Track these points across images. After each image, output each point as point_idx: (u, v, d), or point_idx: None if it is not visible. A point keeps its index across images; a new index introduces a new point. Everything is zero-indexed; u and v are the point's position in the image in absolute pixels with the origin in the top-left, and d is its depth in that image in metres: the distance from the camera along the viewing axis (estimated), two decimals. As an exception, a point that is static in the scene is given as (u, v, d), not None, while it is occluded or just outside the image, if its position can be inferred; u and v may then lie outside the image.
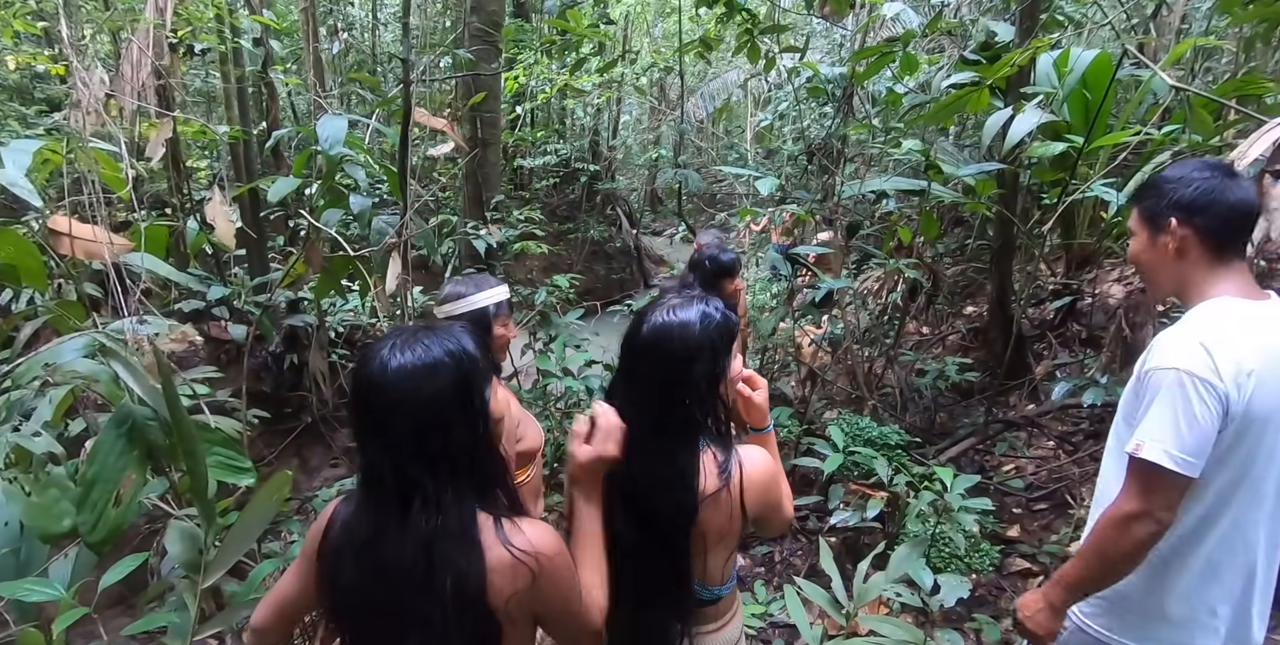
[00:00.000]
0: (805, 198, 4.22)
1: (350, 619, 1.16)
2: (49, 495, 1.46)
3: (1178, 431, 1.30)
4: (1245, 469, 1.37)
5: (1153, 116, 3.78)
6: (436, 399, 1.07)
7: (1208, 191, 1.40)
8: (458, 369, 1.09)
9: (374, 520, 1.10)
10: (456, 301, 2.00)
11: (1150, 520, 1.33)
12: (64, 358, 1.58)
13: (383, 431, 1.08)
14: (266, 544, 2.41)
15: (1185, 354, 1.33)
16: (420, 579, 1.06)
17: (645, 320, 1.36)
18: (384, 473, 1.08)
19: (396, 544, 1.07)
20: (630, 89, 10.90)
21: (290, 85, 6.27)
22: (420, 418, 1.06)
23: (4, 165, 1.81)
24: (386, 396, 1.06)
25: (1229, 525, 1.40)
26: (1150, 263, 1.52)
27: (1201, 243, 1.42)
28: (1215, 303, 1.41)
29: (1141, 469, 1.34)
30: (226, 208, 2.21)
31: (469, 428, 1.11)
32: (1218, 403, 1.30)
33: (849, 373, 4.77)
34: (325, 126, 2.14)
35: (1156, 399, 1.34)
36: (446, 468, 1.08)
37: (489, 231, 3.75)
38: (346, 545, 1.13)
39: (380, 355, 1.08)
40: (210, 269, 4.67)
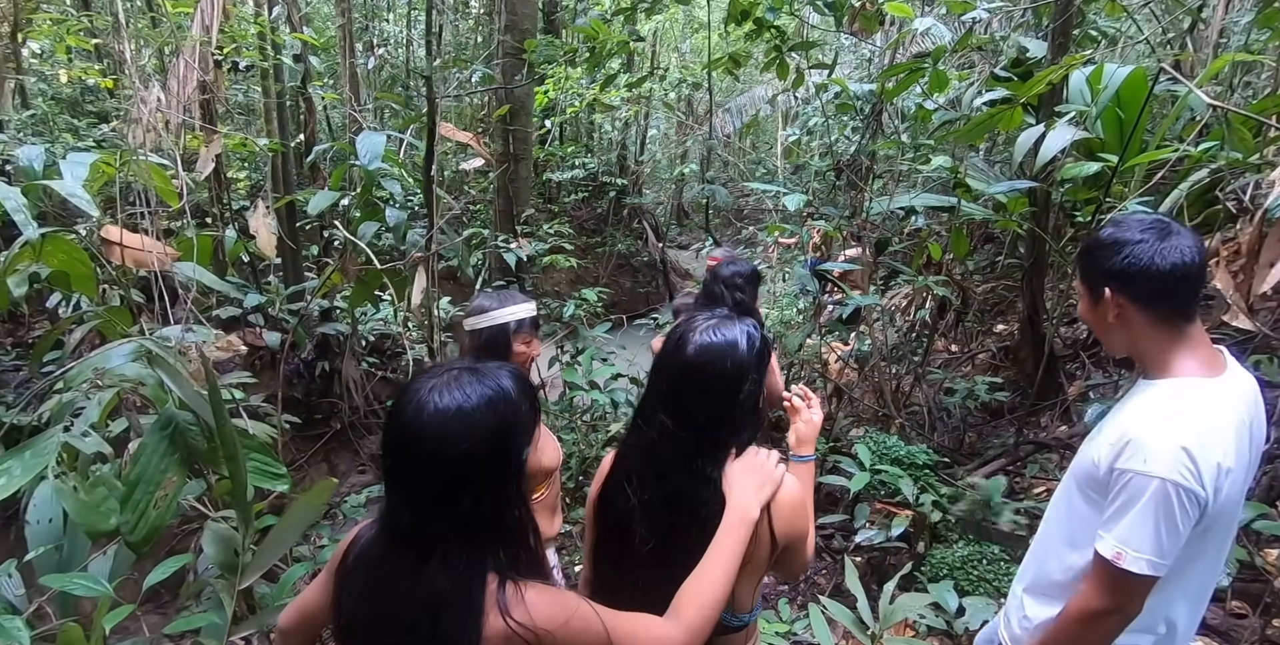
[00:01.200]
0: (833, 214, 4.22)
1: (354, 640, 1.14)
2: (97, 494, 1.51)
3: (1159, 542, 1.29)
4: (1196, 546, 1.38)
5: (1189, 134, 3.73)
6: (471, 456, 1.00)
7: (1136, 260, 1.33)
8: (498, 421, 1.03)
9: (386, 566, 1.07)
10: (481, 315, 2.03)
11: (1120, 616, 1.36)
12: (113, 362, 1.64)
13: (411, 480, 1.03)
14: (296, 548, 2.46)
15: (1170, 462, 1.28)
16: (419, 639, 1.02)
17: (688, 340, 1.32)
18: (404, 522, 1.04)
19: (403, 598, 1.04)
20: (658, 104, 10.99)
21: (327, 99, 6.42)
22: (451, 473, 1.01)
23: (62, 176, 1.89)
24: (420, 444, 1.01)
25: (1164, 589, 1.39)
26: (1096, 326, 1.49)
27: (1141, 312, 1.37)
28: (1182, 385, 1.37)
29: (1117, 575, 1.33)
30: (269, 219, 2.27)
31: (501, 487, 1.05)
32: (1198, 509, 1.29)
33: (876, 390, 4.73)
34: (364, 142, 2.20)
35: (1139, 507, 1.30)
36: (471, 528, 1.02)
37: (519, 245, 3.81)
38: (358, 578, 1.11)
39: (419, 397, 1.02)
40: (246, 277, 4.79)
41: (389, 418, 1.05)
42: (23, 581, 1.73)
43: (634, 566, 1.34)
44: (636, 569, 1.33)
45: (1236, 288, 2.06)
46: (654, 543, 1.32)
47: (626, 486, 1.36)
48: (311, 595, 1.27)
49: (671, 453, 1.32)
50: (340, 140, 4.61)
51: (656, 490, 1.32)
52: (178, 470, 1.62)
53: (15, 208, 1.74)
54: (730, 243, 10.63)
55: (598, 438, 4.07)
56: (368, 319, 5.01)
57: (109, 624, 1.40)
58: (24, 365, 4.37)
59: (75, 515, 1.47)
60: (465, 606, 1.00)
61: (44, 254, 2.06)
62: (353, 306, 2.85)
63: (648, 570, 1.30)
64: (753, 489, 1.30)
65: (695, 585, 1.21)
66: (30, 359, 2.48)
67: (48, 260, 2.08)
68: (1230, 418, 1.34)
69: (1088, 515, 1.43)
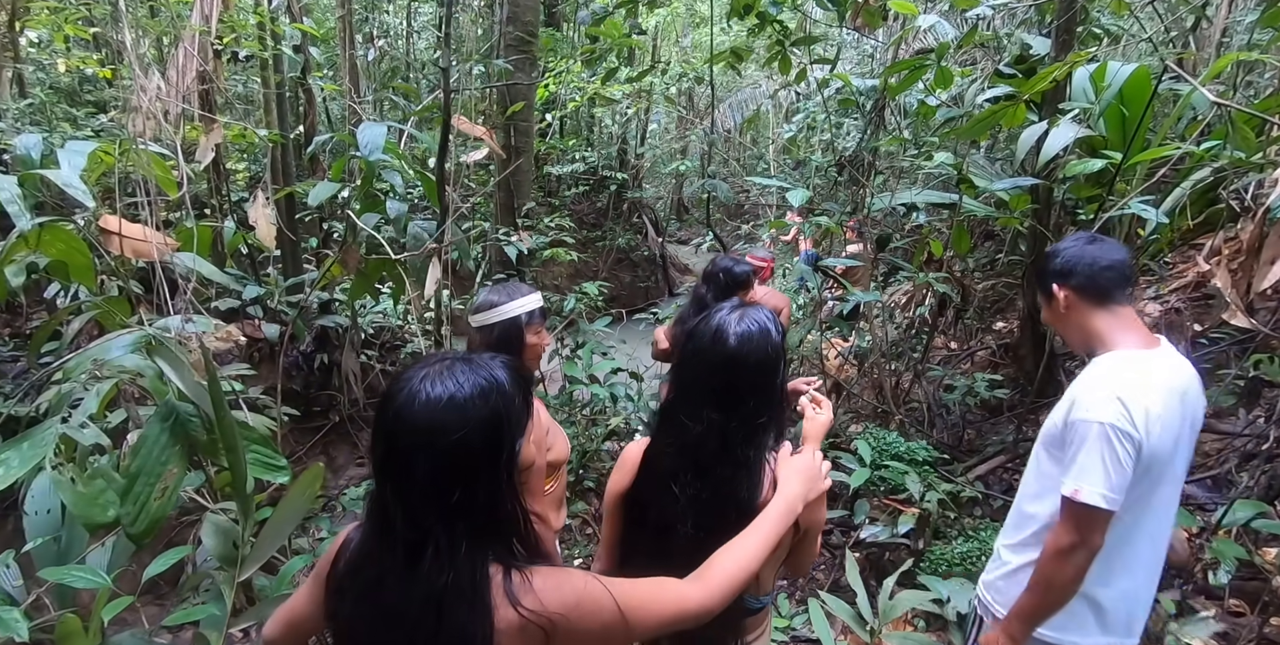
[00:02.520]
0: (834, 210, 4.20)
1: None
2: (95, 485, 1.50)
3: (1107, 476, 1.55)
4: (1141, 491, 1.63)
5: (1192, 133, 3.72)
6: (464, 446, 0.98)
7: (1070, 259, 1.74)
8: (491, 412, 1.00)
9: (380, 563, 1.03)
10: (490, 311, 2.01)
11: (1085, 549, 1.59)
12: (113, 353, 1.63)
13: (403, 471, 0.99)
14: (295, 540, 2.45)
15: (1106, 408, 1.57)
16: (425, 637, 0.99)
17: (727, 333, 1.36)
18: (396, 516, 1.00)
19: (402, 594, 1.00)
20: (659, 98, 10.96)
21: (326, 91, 6.38)
22: (443, 463, 0.98)
23: (60, 166, 1.87)
24: (412, 434, 0.98)
25: (1124, 535, 1.67)
26: (1056, 323, 1.85)
27: (1082, 299, 1.72)
28: (1120, 354, 1.68)
29: (1078, 510, 1.57)
30: (269, 210, 2.26)
31: (494, 478, 1.02)
32: (1134, 448, 1.56)
33: (875, 386, 4.73)
34: (365, 133, 2.18)
35: (1085, 448, 1.58)
36: (464, 520, 0.99)
37: (520, 238, 3.79)
38: (350, 582, 1.08)
39: (410, 385, 0.99)
40: (245, 269, 4.77)
41: (380, 407, 1.02)
42: (20, 573, 1.73)
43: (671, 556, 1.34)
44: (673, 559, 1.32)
45: (1235, 285, 2.06)
46: (698, 534, 1.35)
47: (672, 484, 1.38)
48: (298, 603, 1.23)
49: (718, 445, 1.35)
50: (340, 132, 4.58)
51: (703, 484, 1.36)
52: (178, 462, 1.61)
53: (9, 198, 1.73)
54: (730, 239, 10.62)
55: (597, 431, 4.06)
56: (367, 312, 5.00)
57: (108, 615, 1.39)
58: (22, 356, 4.36)
59: (73, 507, 1.46)
60: (470, 599, 0.98)
61: (42, 243, 2.04)
62: (353, 299, 2.84)
63: (686, 560, 1.29)
64: (802, 485, 1.36)
65: (727, 556, 1.24)
66: (28, 349, 2.46)
67: (46, 250, 2.06)
68: (1161, 377, 1.63)
69: (1051, 471, 1.71)
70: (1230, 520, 2.56)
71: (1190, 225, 3.29)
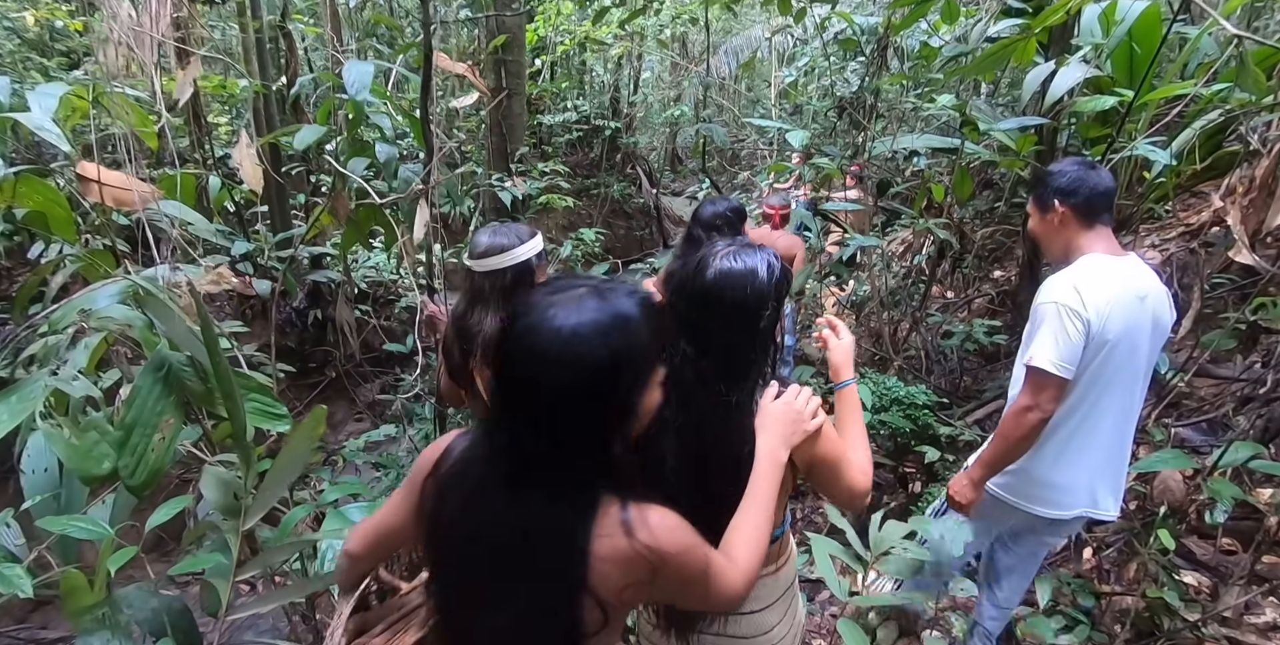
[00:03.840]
0: (834, 154, 4.10)
1: (442, 565, 1.12)
2: (89, 438, 1.47)
3: (1056, 346, 1.83)
4: (1099, 375, 1.91)
5: (1202, 75, 3.61)
6: (586, 378, 0.95)
7: (1075, 179, 1.95)
8: (619, 347, 0.96)
9: (484, 473, 1.04)
10: (501, 255, 1.96)
11: (1038, 410, 1.87)
12: (100, 304, 1.58)
13: (522, 392, 0.98)
14: (297, 492, 2.45)
15: (1061, 291, 1.87)
16: (524, 557, 1.00)
17: (708, 265, 1.31)
18: (521, 441, 0.99)
19: (504, 507, 1.01)
20: (651, 43, 10.61)
21: (309, 34, 6.13)
22: (563, 393, 0.96)
23: (30, 109, 1.78)
24: (535, 358, 0.95)
25: (1087, 414, 1.96)
26: (1043, 234, 2.08)
27: (1075, 216, 1.97)
28: (1089, 258, 1.94)
29: (1033, 374, 1.87)
30: (253, 150, 2.17)
31: (606, 415, 0.99)
32: (1083, 325, 1.82)
33: (873, 334, 4.72)
34: (351, 72, 2.08)
35: (1042, 325, 1.87)
36: (576, 451, 0.99)
37: (514, 183, 3.69)
38: (454, 488, 1.07)
39: (547, 314, 0.95)
40: (233, 226, 4.67)
41: (506, 331, 0.99)
42: (22, 532, 1.71)
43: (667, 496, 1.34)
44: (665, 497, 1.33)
45: (1244, 222, 2.02)
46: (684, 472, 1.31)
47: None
48: (386, 517, 1.23)
49: (695, 378, 1.30)
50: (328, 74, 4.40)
51: (684, 416, 1.30)
52: (174, 412, 1.58)
53: (-19, 143, 1.65)
54: (727, 188, 10.45)
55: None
56: (359, 267, 4.92)
57: (113, 566, 1.38)
58: (6, 319, 4.29)
59: (68, 461, 1.44)
60: (577, 518, 0.99)
61: (18, 196, 1.97)
62: (344, 249, 2.77)
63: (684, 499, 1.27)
64: (780, 431, 1.31)
65: (740, 530, 1.23)
66: (13, 308, 2.40)
67: (23, 201, 1.98)
68: (1120, 276, 1.89)
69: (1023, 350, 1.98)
70: (1227, 461, 2.57)
71: (1198, 169, 3.22)
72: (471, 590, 1.06)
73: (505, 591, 1.02)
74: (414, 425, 3.43)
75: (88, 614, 1.52)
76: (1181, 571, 2.72)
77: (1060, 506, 2.07)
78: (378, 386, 4.70)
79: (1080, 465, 2.03)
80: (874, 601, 2.00)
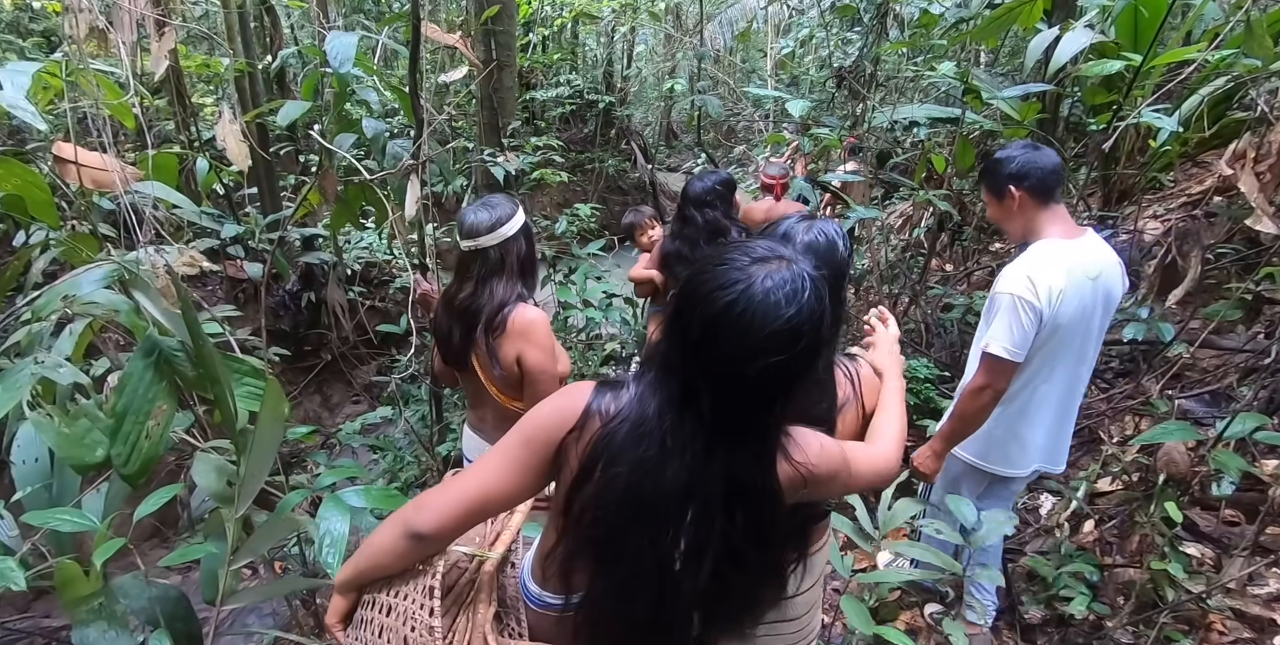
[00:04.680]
0: (834, 124, 4.02)
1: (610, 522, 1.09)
2: (80, 425, 1.43)
3: (1010, 334, 2.00)
4: (1052, 351, 2.11)
5: (1208, 42, 3.53)
6: (808, 345, 0.99)
7: (1024, 163, 2.07)
8: (821, 299, 1.00)
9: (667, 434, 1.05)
10: (503, 226, 1.94)
11: (991, 390, 2.08)
12: (84, 288, 1.53)
13: (740, 370, 0.99)
14: (294, 476, 2.43)
15: (1016, 282, 2.01)
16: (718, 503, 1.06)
17: (788, 236, 1.40)
18: (716, 404, 1.02)
19: (703, 470, 1.05)
20: (645, 16, 10.41)
21: (292, 8, 5.97)
22: (792, 350, 0.97)
23: (2, 87, 1.71)
24: (767, 339, 0.96)
25: (1041, 384, 2.17)
26: (1002, 218, 2.22)
27: (1031, 198, 2.09)
28: (1043, 244, 2.08)
29: (989, 359, 2.05)
30: (237, 127, 2.10)
31: (820, 357, 1.09)
32: (1035, 315, 1.99)
33: (872, 307, 4.69)
34: (334, 44, 2.00)
35: (998, 313, 2.03)
36: (776, 408, 1.06)
37: (506, 159, 3.61)
38: (629, 451, 1.06)
39: (751, 280, 0.96)
40: (223, 208, 4.58)
41: (707, 297, 0.99)
42: (15, 523, 1.68)
43: None
44: None
45: (1262, 189, 1.97)
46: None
47: None
48: (485, 486, 1.13)
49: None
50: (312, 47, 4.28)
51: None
52: (167, 398, 1.54)
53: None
54: (723, 162, 10.33)
55: (594, 356, 4.02)
56: (351, 247, 4.85)
57: (100, 559, 1.35)
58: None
59: (58, 449, 1.40)
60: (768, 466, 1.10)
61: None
62: (335, 228, 2.71)
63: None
64: (897, 366, 1.57)
65: (881, 425, 1.45)
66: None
67: (0, 185, 1.92)
68: (1073, 261, 2.03)
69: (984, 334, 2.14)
70: (1232, 432, 2.56)
71: (1206, 135, 3.16)
72: (654, 543, 1.08)
73: (703, 542, 1.07)
74: (410, 407, 3.41)
75: (84, 605, 1.50)
76: (1184, 543, 2.72)
77: (1021, 465, 2.33)
78: (374, 368, 4.66)
79: (1037, 428, 2.27)
80: (877, 578, 1.99)
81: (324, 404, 4.69)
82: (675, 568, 1.08)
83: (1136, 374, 3.66)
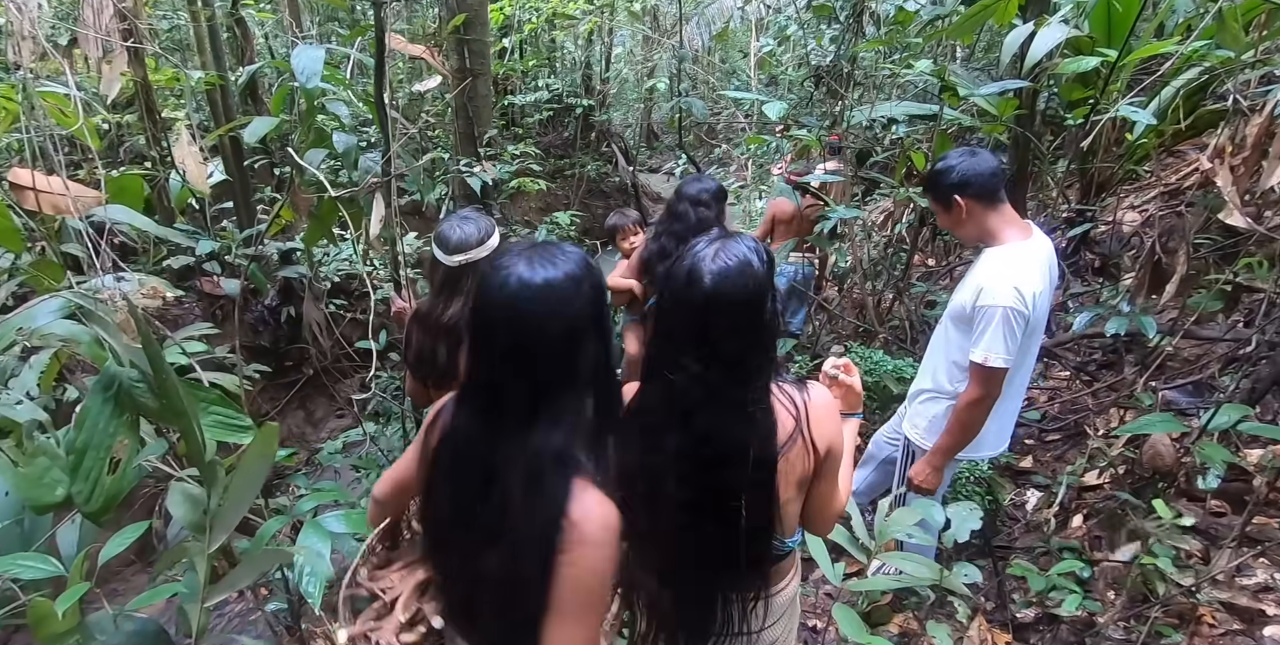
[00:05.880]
0: (813, 124, 4.01)
1: (436, 510, 1.21)
2: (38, 464, 1.39)
3: (1007, 345, 2.07)
4: (1024, 347, 2.18)
5: (1180, 34, 3.54)
6: (580, 315, 1.05)
7: (964, 171, 2.14)
8: (594, 284, 1.07)
9: (473, 429, 1.11)
10: (481, 246, 1.91)
11: (990, 398, 2.17)
12: (40, 320, 1.48)
13: (517, 352, 1.04)
14: (274, 499, 2.38)
15: (1007, 295, 2.06)
16: (510, 507, 1.05)
17: (701, 272, 1.21)
18: (505, 394, 1.06)
19: (490, 460, 1.08)
20: (622, 17, 10.37)
21: (265, 23, 5.90)
22: (562, 335, 1.04)
23: (-48, 114, 1.67)
24: (527, 315, 1.02)
25: (1012, 376, 2.20)
26: (954, 227, 2.27)
27: (976, 204, 2.16)
28: (1009, 248, 2.15)
29: (987, 372, 2.11)
30: (195, 148, 2.05)
31: (590, 359, 1.08)
32: (1024, 322, 2.07)
33: (856, 306, 4.68)
34: (300, 58, 1.96)
35: (992, 326, 2.08)
36: (565, 384, 1.06)
37: (483, 168, 3.57)
38: (445, 445, 1.16)
39: (515, 272, 1.02)
40: (198, 224, 4.51)
41: (481, 296, 1.07)
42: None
43: (666, 515, 1.31)
44: (668, 517, 1.31)
45: (1235, 183, 1.97)
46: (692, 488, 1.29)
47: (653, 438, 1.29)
48: (403, 466, 1.38)
49: (705, 394, 1.24)
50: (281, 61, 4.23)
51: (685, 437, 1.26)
52: (129, 432, 1.50)
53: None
54: (705, 163, 10.32)
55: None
56: (330, 260, 4.79)
57: (61, 606, 1.31)
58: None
59: (16, 490, 1.36)
60: (559, 460, 1.05)
61: (-46, 205, 1.85)
62: (309, 244, 2.66)
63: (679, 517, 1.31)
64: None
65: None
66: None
67: (-42, 211, 1.87)
68: (1038, 262, 2.13)
69: (958, 340, 2.26)
70: (1216, 424, 2.56)
71: (1182, 127, 3.17)
72: (460, 531, 1.14)
73: (491, 530, 1.07)
74: (392, 424, 3.36)
75: (60, 643, 1.46)
76: (1173, 535, 2.73)
77: (993, 448, 2.49)
78: (358, 382, 4.61)
79: (1009, 413, 2.43)
80: (869, 586, 1.97)
81: (307, 419, 4.64)
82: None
83: (1120, 366, 3.68)
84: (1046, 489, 3.27)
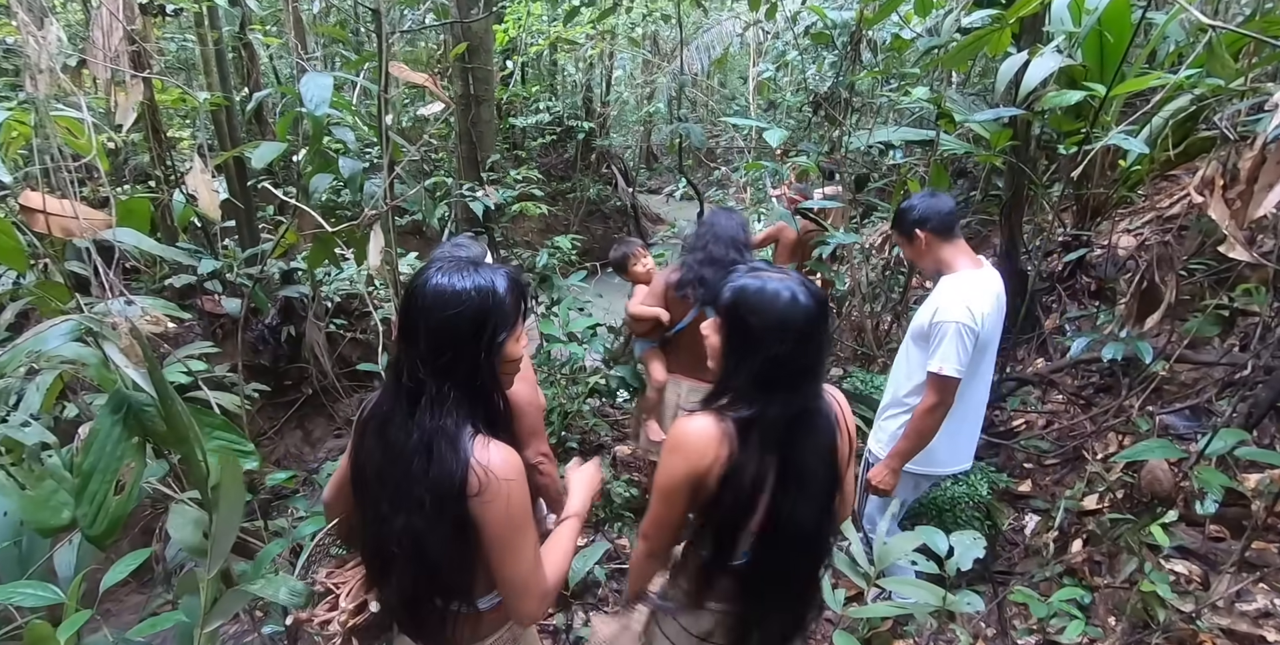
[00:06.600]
0: (810, 150, 4.07)
1: (362, 487, 1.40)
2: (45, 487, 1.39)
3: (958, 356, 2.33)
4: (976, 363, 2.44)
5: (1170, 62, 3.61)
6: (453, 324, 1.26)
7: (925, 209, 2.49)
8: (480, 305, 1.27)
9: (391, 406, 1.34)
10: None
11: (944, 406, 2.40)
12: (50, 344, 1.49)
13: (412, 337, 1.28)
14: (273, 522, 2.38)
15: (959, 311, 2.34)
16: (418, 466, 1.25)
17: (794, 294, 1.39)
18: (406, 369, 1.30)
19: (404, 430, 1.29)
20: (623, 41, 10.52)
21: (270, 45, 5.98)
22: (438, 335, 1.26)
23: (-32, 138, 1.69)
24: (419, 310, 1.27)
25: (965, 392, 2.45)
26: (915, 256, 2.62)
27: (935, 237, 2.49)
28: (962, 274, 2.46)
29: (941, 380, 2.36)
30: (208, 176, 2.08)
31: (474, 355, 1.28)
32: (974, 336, 2.35)
33: (855, 329, 4.71)
34: (309, 85, 2.00)
35: (945, 339, 2.34)
36: (450, 380, 1.27)
37: (486, 193, 3.60)
38: (370, 423, 1.39)
39: (427, 273, 1.30)
40: (201, 243, 4.54)
41: (407, 285, 1.32)
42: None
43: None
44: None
45: (1233, 216, 2.00)
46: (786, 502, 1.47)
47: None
48: (342, 466, 1.54)
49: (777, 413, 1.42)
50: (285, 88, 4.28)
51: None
52: (135, 456, 1.50)
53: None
54: (703, 186, 10.39)
55: (578, 390, 3.98)
56: (332, 280, 4.81)
57: (64, 635, 1.30)
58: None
59: (23, 513, 1.36)
60: (452, 435, 1.25)
61: (-39, 226, 1.87)
62: (312, 267, 2.68)
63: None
64: (588, 496, 1.61)
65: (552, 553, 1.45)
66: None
67: (-34, 232, 1.89)
68: (987, 286, 2.44)
69: (918, 357, 2.51)
70: (1214, 449, 2.57)
71: (1171, 156, 3.22)
72: (381, 503, 1.33)
73: (405, 501, 1.28)
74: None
75: (55, 667, 1.45)
76: (1172, 560, 2.72)
77: (953, 464, 2.70)
78: (356, 401, 4.61)
79: (965, 431, 2.65)
80: (870, 613, 1.97)
81: (305, 439, 4.62)
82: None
83: (1117, 390, 3.69)
84: (1045, 513, 3.26)
